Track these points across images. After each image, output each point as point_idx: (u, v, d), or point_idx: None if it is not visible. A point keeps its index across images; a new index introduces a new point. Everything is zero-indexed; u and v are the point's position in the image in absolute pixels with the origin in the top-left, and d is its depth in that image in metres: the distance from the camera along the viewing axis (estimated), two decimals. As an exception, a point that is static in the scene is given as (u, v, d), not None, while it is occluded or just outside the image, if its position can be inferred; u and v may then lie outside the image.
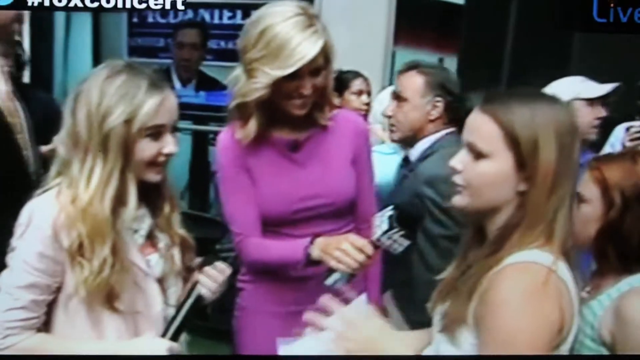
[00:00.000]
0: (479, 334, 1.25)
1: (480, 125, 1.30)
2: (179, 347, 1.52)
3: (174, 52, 4.20)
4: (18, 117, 1.82)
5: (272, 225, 1.85)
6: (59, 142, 1.48)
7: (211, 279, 1.56)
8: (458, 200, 1.35)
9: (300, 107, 1.78)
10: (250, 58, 1.73)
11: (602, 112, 2.64)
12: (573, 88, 2.61)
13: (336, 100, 3.28)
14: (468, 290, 1.28)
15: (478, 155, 1.29)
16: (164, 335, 1.51)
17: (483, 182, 1.29)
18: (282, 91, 1.74)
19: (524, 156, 1.25)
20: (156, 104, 1.43)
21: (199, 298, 1.55)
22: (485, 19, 5.07)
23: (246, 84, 1.74)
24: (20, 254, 1.42)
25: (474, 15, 5.11)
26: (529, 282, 1.21)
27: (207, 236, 1.70)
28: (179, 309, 1.55)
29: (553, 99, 1.32)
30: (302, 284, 1.85)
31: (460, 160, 1.33)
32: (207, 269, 1.57)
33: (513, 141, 1.25)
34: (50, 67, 4.85)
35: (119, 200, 1.45)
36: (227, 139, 1.85)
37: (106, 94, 1.42)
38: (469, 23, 5.15)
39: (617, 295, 1.53)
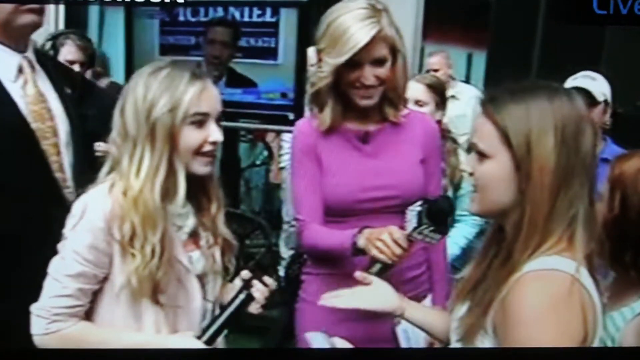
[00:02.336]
0: (498, 343, 1.23)
1: (480, 126, 1.30)
2: (220, 344, 1.58)
3: (205, 49, 4.24)
4: (50, 121, 1.75)
5: (338, 216, 1.90)
6: (111, 143, 1.54)
7: (259, 292, 1.61)
8: (471, 207, 1.36)
9: (364, 97, 1.84)
10: (318, 49, 1.84)
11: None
12: None
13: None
14: (487, 299, 1.26)
15: (481, 156, 1.29)
16: (201, 336, 1.55)
17: (487, 183, 1.29)
18: (345, 81, 1.83)
19: (517, 154, 1.23)
20: (197, 92, 1.49)
21: (242, 306, 1.60)
22: (514, 14, 5.03)
23: (316, 73, 1.86)
24: (72, 244, 1.48)
25: (502, 9, 5.07)
26: (551, 292, 1.18)
27: (237, 232, 1.73)
28: (220, 313, 1.60)
29: (556, 92, 1.28)
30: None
31: (469, 161, 1.34)
32: (256, 282, 1.61)
33: (507, 140, 1.24)
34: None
35: (168, 192, 1.51)
36: (304, 127, 1.95)
37: (151, 87, 1.49)
38: (497, 18, 5.12)
39: None
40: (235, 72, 4.40)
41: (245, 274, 1.66)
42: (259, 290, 1.61)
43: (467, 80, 4.97)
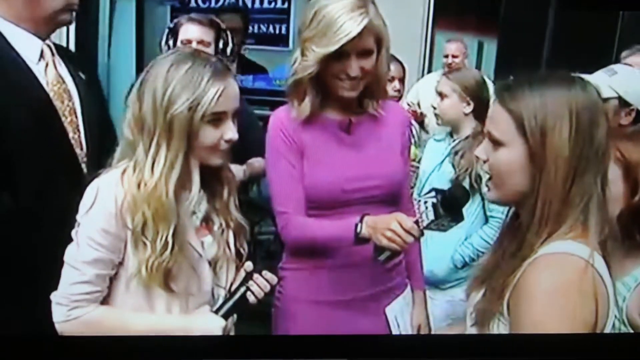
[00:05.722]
0: (511, 325, 1.24)
1: (495, 115, 1.30)
2: (230, 325, 1.59)
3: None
4: (69, 101, 1.84)
5: (322, 208, 1.85)
6: (125, 126, 1.53)
7: (259, 287, 1.61)
8: (488, 195, 1.37)
9: (348, 88, 1.80)
10: (303, 37, 1.78)
11: None
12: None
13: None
14: (501, 284, 1.27)
15: (496, 143, 1.29)
16: (216, 312, 1.57)
17: (502, 170, 1.29)
18: (330, 71, 1.78)
19: (532, 142, 1.23)
20: (218, 93, 1.48)
21: (242, 299, 1.60)
22: (526, 1, 5.00)
23: (299, 62, 1.80)
24: (86, 230, 1.48)
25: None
26: (564, 275, 1.18)
27: (246, 218, 1.72)
28: (231, 294, 1.61)
29: (570, 81, 1.27)
30: (342, 272, 1.87)
31: (483, 149, 1.34)
32: (257, 276, 1.61)
33: (522, 128, 1.24)
34: (94, 50, 4.95)
35: (182, 185, 1.51)
36: (282, 116, 1.89)
37: (171, 81, 1.46)
38: (508, 5, 5.08)
39: None
40: (246, 58, 4.41)
41: (248, 265, 1.64)
42: (259, 285, 1.60)
43: (477, 69, 4.94)
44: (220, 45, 2.90)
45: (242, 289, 1.59)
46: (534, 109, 1.23)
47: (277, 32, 4.86)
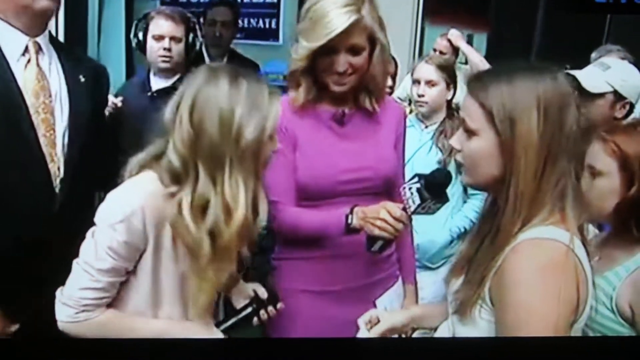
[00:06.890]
0: (496, 311, 1.27)
1: (467, 105, 1.34)
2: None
3: (205, 29, 4.22)
4: (45, 98, 1.82)
5: (314, 199, 1.87)
6: (171, 152, 1.46)
7: (267, 314, 1.69)
8: (462, 178, 1.41)
9: (337, 83, 1.82)
10: (297, 30, 1.81)
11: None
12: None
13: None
14: (481, 272, 1.30)
15: (469, 133, 1.33)
16: (217, 326, 1.60)
17: (475, 159, 1.33)
18: (320, 66, 1.81)
19: (501, 132, 1.27)
20: (280, 110, 1.49)
21: (247, 320, 1.66)
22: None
23: (294, 54, 1.83)
24: (106, 240, 1.45)
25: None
26: (547, 258, 1.21)
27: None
28: (237, 312, 1.65)
29: (539, 71, 1.30)
30: (333, 263, 1.89)
31: (457, 139, 1.38)
32: (269, 307, 1.68)
33: (491, 118, 1.28)
34: (84, 44, 4.93)
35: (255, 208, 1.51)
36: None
37: (236, 103, 1.42)
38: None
39: (635, 267, 1.54)
40: (236, 53, 4.39)
41: (257, 286, 1.71)
42: (268, 313, 1.68)
43: (466, 62, 4.94)
44: (190, 39, 2.89)
45: (249, 310, 1.64)
46: (502, 99, 1.27)
47: (267, 26, 4.85)
